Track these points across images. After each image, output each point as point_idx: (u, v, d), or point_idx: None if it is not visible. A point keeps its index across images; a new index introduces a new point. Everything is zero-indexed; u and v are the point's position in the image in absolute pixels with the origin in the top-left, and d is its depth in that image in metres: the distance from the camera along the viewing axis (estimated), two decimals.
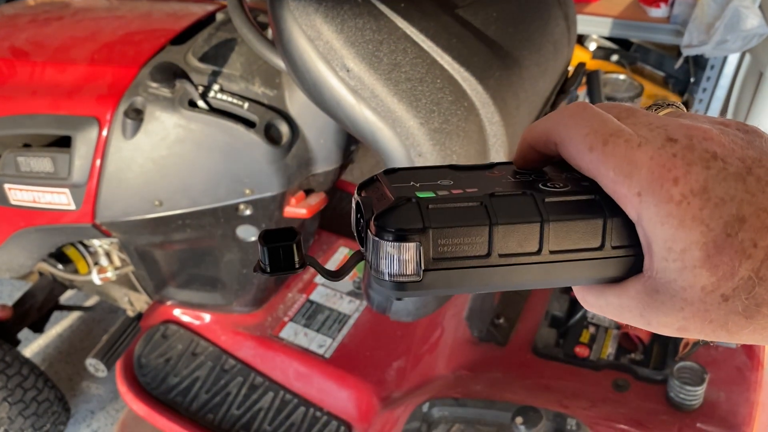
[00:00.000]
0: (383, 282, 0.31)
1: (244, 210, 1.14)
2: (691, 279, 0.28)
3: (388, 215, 0.30)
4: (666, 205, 0.27)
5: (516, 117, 0.84)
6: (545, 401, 1.02)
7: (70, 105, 1.13)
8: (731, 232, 0.27)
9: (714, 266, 0.27)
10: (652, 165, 0.28)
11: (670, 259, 0.28)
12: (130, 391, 1.28)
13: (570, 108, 0.31)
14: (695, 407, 1.00)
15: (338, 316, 1.39)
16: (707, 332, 0.29)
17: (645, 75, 2.49)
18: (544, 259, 0.31)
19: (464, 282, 0.31)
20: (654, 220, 0.28)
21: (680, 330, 0.30)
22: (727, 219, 0.27)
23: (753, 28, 1.86)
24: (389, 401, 1.21)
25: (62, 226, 1.22)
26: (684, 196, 0.27)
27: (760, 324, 0.28)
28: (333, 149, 1.15)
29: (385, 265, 0.30)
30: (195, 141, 1.07)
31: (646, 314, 0.30)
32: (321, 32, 0.76)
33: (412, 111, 0.78)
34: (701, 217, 0.27)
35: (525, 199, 0.31)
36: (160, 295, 1.38)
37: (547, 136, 0.32)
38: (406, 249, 0.30)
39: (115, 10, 1.37)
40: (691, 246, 0.27)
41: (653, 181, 0.28)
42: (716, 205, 0.27)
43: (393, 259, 0.30)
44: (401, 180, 0.33)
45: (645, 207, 0.28)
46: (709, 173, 0.27)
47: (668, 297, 0.29)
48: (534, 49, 0.91)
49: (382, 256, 0.30)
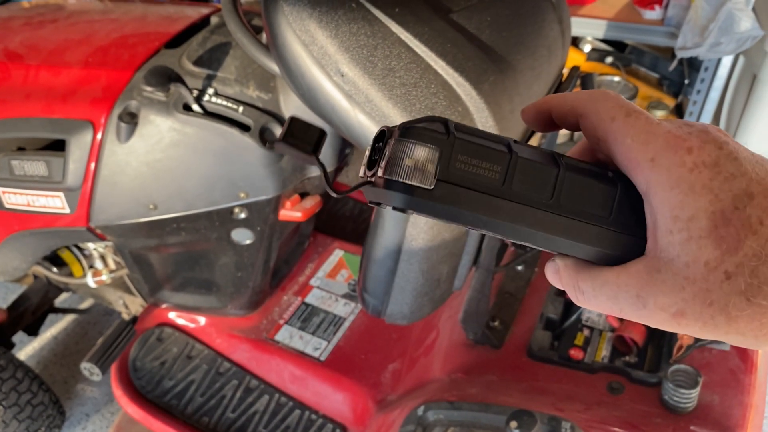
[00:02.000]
0: (393, 184, 0.30)
1: (239, 213, 1.14)
2: (696, 252, 0.28)
3: (416, 123, 0.31)
4: (678, 169, 0.28)
5: (510, 121, 0.85)
6: (540, 404, 1.02)
7: (65, 108, 1.13)
8: (739, 205, 0.28)
9: (720, 237, 0.28)
10: (668, 136, 0.29)
11: (676, 230, 0.28)
12: (125, 394, 1.28)
13: (599, 89, 0.33)
14: (689, 410, 1.00)
15: (333, 319, 1.39)
16: (706, 317, 0.28)
17: (639, 77, 2.49)
18: (553, 209, 0.31)
19: (471, 206, 0.31)
20: (664, 185, 0.29)
21: (677, 315, 0.29)
22: (736, 192, 0.28)
23: (746, 30, 1.87)
24: (384, 404, 1.22)
25: (57, 229, 1.22)
26: (696, 165, 0.28)
27: (760, 306, 0.28)
28: (328, 152, 1.15)
29: (400, 167, 0.30)
30: (190, 145, 1.07)
31: (643, 294, 0.30)
32: (315, 37, 0.76)
33: (406, 116, 0.78)
34: (711, 187, 0.28)
35: (546, 153, 0.32)
36: (155, 298, 1.38)
37: (571, 107, 0.33)
38: (425, 151, 0.30)
39: (109, 13, 1.37)
40: (698, 213, 0.28)
41: (668, 148, 0.29)
42: (726, 178, 0.28)
43: (410, 161, 0.30)
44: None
45: (657, 172, 0.29)
46: (721, 152, 0.28)
47: (670, 275, 0.29)
48: (528, 53, 0.91)
49: (399, 157, 0.30)
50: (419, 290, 0.96)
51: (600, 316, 1.20)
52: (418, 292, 0.96)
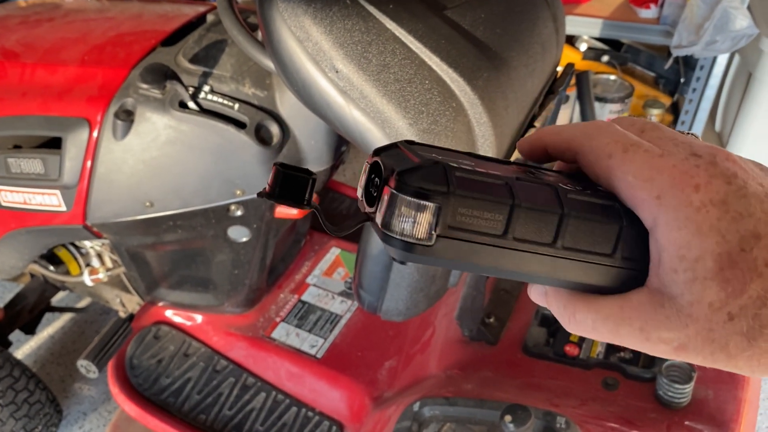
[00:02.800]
0: (392, 240, 0.30)
1: (235, 211, 1.15)
2: (700, 293, 0.28)
3: (413, 172, 0.30)
4: (685, 209, 0.28)
5: (504, 118, 0.85)
6: (535, 400, 1.03)
7: (61, 106, 1.13)
8: (746, 247, 0.27)
9: (725, 280, 0.27)
10: (674, 172, 0.28)
11: (681, 270, 0.28)
12: (122, 392, 1.28)
13: (593, 122, 0.32)
14: (683, 405, 1.00)
15: (330, 317, 1.39)
16: (706, 353, 0.29)
17: (635, 75, 2.50)
18: (556, 253, 0.31)
19: (473, 258, 0.30)
20: (671, 225, 0.28)
21: (678, 348, 0.29)
22: (743, 234, 0.27)
23: (742, 28, 1.88)
24: (381, 401, 1.22)
25: (53, 227, 1.22)
26: (703, 204, 0.27)
27: (760, 348, 0.28)
28: (324, 150, 1.15)
29: (399, 222, 0.29)
30: (185, 142, 1.08)
31: (646, 329, 0.30)
32: (310, 33, 0.76)
33: (401, 112, 0.78)
34: (718, 227, 0.27)
35: (548, 189, 0.31)
36: (151, 296, 1.38)
37: (567, 143, 0.33)
38: (425, 208, 0.29)
39: (105, 11, 1.37)
40: (705, 255, 0.27)
41: (674, 185, 0.28)
42: (734, 218, 0.27)
43: (409, 218, 0.29)
44: (423, 151, 0.33)
45: (663, 211, 0.28)
46: (730, 188, 0.28)
47: (674, 312, 0.29)
48: (522, 50, 0.92)
49: (397, 212, 0.29)
50: (414, 287, 0.96)
51: None
52: (414, 288, 0.96)
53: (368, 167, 0.33)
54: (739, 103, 2.25)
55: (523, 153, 0.36)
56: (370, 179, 0.33)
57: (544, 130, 0.34)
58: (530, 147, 0.35)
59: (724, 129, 2.42)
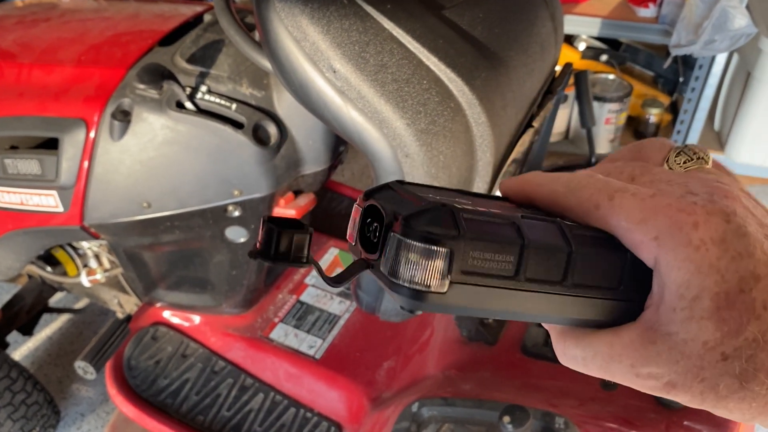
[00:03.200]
0: (400, 289, 0.28)
1: (233, 211, 1.14)
2: (695, 332, 0.27)
3: (420, 216, 0.28)
4: (684, 248, 0.27)
5: (502, 117, 0.85)
6: (534, 400, 1.02)
7: (57, 107, 1.12)
8: (745, 288, 0.27)
9: (722, 320, 0.27)
10: (670, 211, 0.28)
11: (679, 308, 0.28)
12: (119, 393, 1.28)
13: (573, 175, 0.31)
14: (682, 405, 1.00)
15: (328, 317, 1.39)
16: (695, 392, 0.28)
17: (634, 75, 2.50)
18: (565, 291, 0.30)
19: (486, 303, 0.29)
20: (671, 265, 0.27)
21: (667, 385, 0.29)
22: (743, 274, 0.27)
23: (740, 28, 1.87)
24: (379, 401, 1.22)
25: (50, 228, 1.22)
26: (703, 242, 0.27)
27: (751, 392, 0.28)
28: (322, 150, 1.15)
29: (406, 270, 0.28)
30: (183, 142, 1.07)
31: (636, 365, 0.29)
32: (307, 33, 0.76)
33: (398, 112, 0.78)
34: (717, 267, 0.27)
35: (553, 227, 0.30)
36: (149, 297, 1.38)
37: (551, 200, 0.32)
38: (436, 254, 0.27)
39: (102, 11, 1.36)
40: (702, 294, 0.27)
41: (672, 225, 0.27)
42: (733, 258, 0.27)
43: (418, 265, 0.27)
44: (418, 191, 0.31)
45: (663, 251, 0.28)
46: (729, 227, 0.27)
47: (665, 349, 0.28)
48: (520, 49, 0.92)
49: (405, 260, 0.28)
50: None
51: None
52: None
53: (362, 211, 0.31)
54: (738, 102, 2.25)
55: (506, 195, 0.35)
56: (365, 224, 0.31)
57: (526, 179, 0.33)
58: (513, 192, 0.34)
59: (723, 128, 2.42)
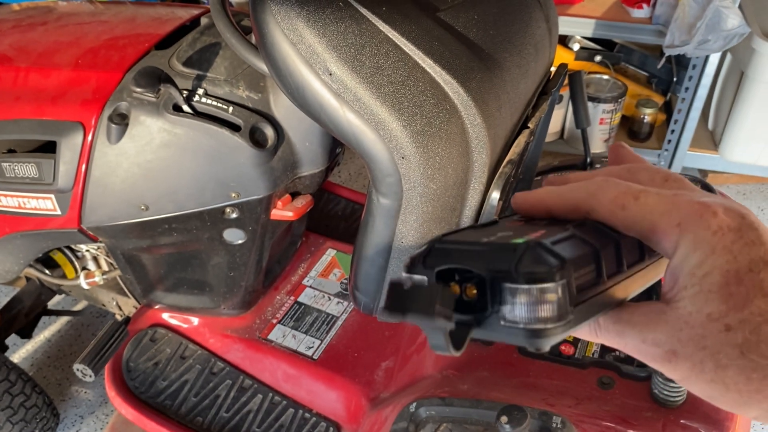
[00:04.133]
0: (528, 333, 0.29)
1: (231, 213, 1.15)
2: (702, 303, 0.29)
3: (527, 259, 0.29)
4: (703, 232, 0.30)
5: (497, 119, 0.85)
6: (531, 400, 1.03)
7: (55, 110, 1.13)
8: (754, 268, 0.29)
9: (728, 294, 0.29)
10: (692, 203, 0.30)
11: (689, 285, 0.30)
12: (118, 395, 1.28)
13: (592, 181, 0.34)
14: (679, 403, 1.01)
15: (326, 318, 1.40)
16: (695, 360, 0.30)
17: (628, 75, 2.51)
18: (625, 275, 0.33)
19: (588, 315, 0.31)
20: (689, 247, 0.30)
21: (669, 353, 0.30)
22: (753, 257, 0.29)
23: (733, 27, 1.88)
24: (378, 401, 1.22)
25: (48, 231, 1.22)
26: (720, 228, 0.29)
27: (752, 362, 0.29)
28: (319, 152, 1.15)
29: (531, 313, 0.29)
30: (180, 145, 1.08)
31: (644, 331, 0.31)
32: (303, 36, 0.76)
33: (394, 114, 0.79)
34: (731, 249, 0.29)
35: (590, 226, 0.33)
36: (148, 299, 1.38)
37: (574, 206, 0.34)
38: (555, 290, 0.29)
39: (99, 14, 1.37)
40: (713, 271, 0.29)
41: (693, 213, 0.30)
42: (746, 244, 0.29)
43: (540, 305, 0.29)
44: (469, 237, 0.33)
45: (683, 235, 0.30)
46: (744, 221, 0.30)
47: (672, 317, 0.30)
48: (515, 51, 0.92)
49: (528, 304, 0.29)
50: None
51: None
52: None
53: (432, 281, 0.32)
54: (732, 101, 2.26)
55: (522, 211, 0.37)
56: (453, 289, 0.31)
57: (543, 192, 0.35)
58: (530, 208, 0.36)
59: (716, 127, 2.43)
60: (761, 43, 2.03)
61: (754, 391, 0.29)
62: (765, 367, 0.29)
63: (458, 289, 0.31)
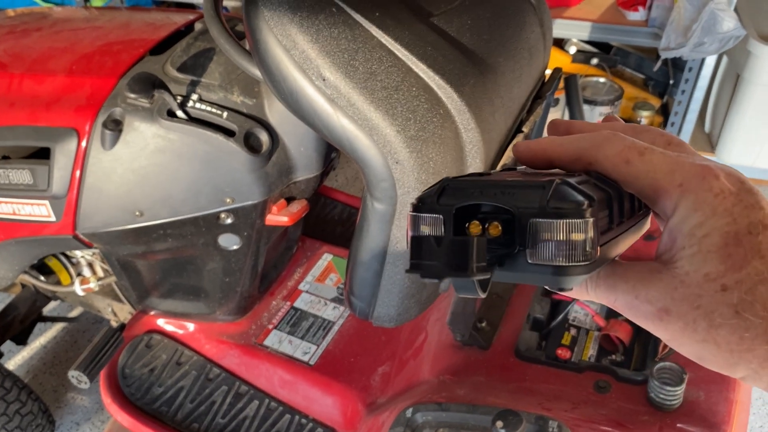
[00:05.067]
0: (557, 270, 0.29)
1: (226, 219, 1.14)
2: (699, 264, 0.29)
3: (558, 195, 0.29)
4: (705, 193, 0.30)
5: (492, 123, 0.85)
6: (527, 404, 1.03)
7: (49, 116, 1.13)
8: (753, 231, 0.29)
9: (727, 255, 0.29)
10: (694, 165, 0.31)
11: (688, 245, 0.30)
12: (114, 402, 1.28)
13: (598, 133, 0.33)
14: (675, 407, 1.01)
15: (322, 323, 1.39)
16: (688, 319, 0.30)
17: (625, 78, 2.51)
18: (627, 225, 0.33)
19: (607, 256, 0.31)
20: (689, 207, 0.30)
21: (661, 311, 0.30)
22: (752, 220, 0.29)
23: (729, 30, 1.89)
24: (374, 407, 1.22)
25: (43, 237, 1.22)
26: (722, 190, 0.30)
27: (745, 321, 0.29)
28: (313, 157, 1.15)
29: (560, 249, 0.28)
30: (174, 151, 1.07)
31: (638, 286, 0.31)
32: (296, 42, 0.76)
33: (388, 119, 0.78)
34: (731, 211, 0.29)
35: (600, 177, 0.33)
36: (143, 305, 1.38)
37: (577, 156, 0.34)
38: (587, 225, 0.28)
39: (93, 20, 1.37)
40: (713, 232, 0.29)
41: (696, 174, 0.30)
42: (746, 207, 0.30)
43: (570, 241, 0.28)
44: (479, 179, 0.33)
45: (685, 195, 0.30)
46: (743, 186, 0.30)
47: (668, 276, 0.30)
48: (509, 55, 0.92)
49: (558, 241, 0.28)
50: (405, 292, 0.96)
51: (587, 315, 1.21)
52: (405, 294, 0.96)
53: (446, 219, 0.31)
54: (728, 104, 2.26)
55: (523, 160, 0.36)
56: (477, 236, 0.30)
57: (546, 141, 0.35)
58: (533, 156, 0.36)
59: (713, 130, 2.43)
60: (757, 46, 2.03)
61: (745, 350, 0.29)
62: (758, 326, 0.29)
63: (479, 228, 0.31)
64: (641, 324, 0.32)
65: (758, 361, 0.29)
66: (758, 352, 0.29)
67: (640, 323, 0.32)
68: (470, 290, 0.30)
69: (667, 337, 0.31)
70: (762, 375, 0.30)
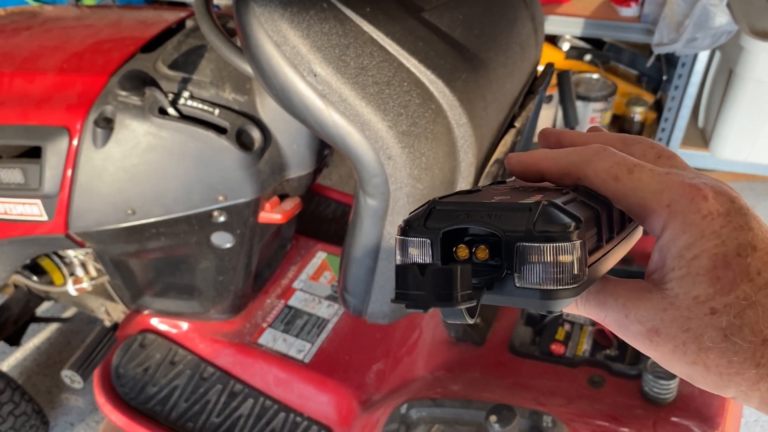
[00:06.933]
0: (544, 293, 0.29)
1: (218, 217, 1.14)
2: (689, 286, 0.29)
3: (544, 218, 0.29)
4: (693, 215, 0.29)
5: (483, 118, 0.85)
6: (522, 399, 1.03)
7: (40, 115, 1.12)
8: (742, 253, 0.29)
9: (716, 278, 0.29)
10: (683, 184, 0.30)
11: (677, 267, 0.30)
12: (108, 402, 1.27)
13: (588, 147, 0.33)
14: (669, 401, 1.01)
15: (317, 321, 1.39)
16: (678, 341, 0.29)
17: (618, 74, 2.51)
18: (615, 243, 0.33)
19: (596, 274, 0.31)
20: (677, 229, 0.30)
21: (651, 332, 0.30)
22: (741, 242, 0.29)
23: (721, 25, 1.89)
24: (369, 404, 1.22)
25: (35, 237, 1.21)
26: (710, 212, 0.29)
27: (734, 345, 0.29)
28: (306, 154, 1.15)
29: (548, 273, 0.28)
30: (166, 149, 1.07)
31: (628, 305, 0.31)
32: (287, 37, 0.76)
33: (380, 114, 0.78)
34: (720, 233, 0.29)
35: (588, 193, 0.33)
36: (136, 305, 1.37)
37: (566, 170, 0.34)
38: (574, 248, 0.28)
39: (84, 18, 1.36)
40: (701, 254, 0.29)
41: (684, 195, 0.30)
42: (735, 228, 0.29)
43: (559, 263, 0.28)
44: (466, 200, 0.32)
45: (672, 216, 0.30)
46: (733, 206, 0.30)
47: (658, 297, 0.30)
48: (500, 50, 0.92)
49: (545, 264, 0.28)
50: None
51: None
52: None
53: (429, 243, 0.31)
54: (721, 99, 2.27)
55: (515, 173, 0.36)
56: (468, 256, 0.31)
57: (538, 154, 0.35)
58: (524, 169, 0.36)
59: (707, 125, 2.43)
60: (749, 41, 2.03)
61: (734, 373, 0.29)
62: (746, 350, 0.29)
63: (466, 252, 0.31)
64: (630, 342, 0.32)
65: (747, 384, 0.29)
66: (747, 376, 0.29)
67: (630, 341, 0.32)
68: (458, 317, 0.30)
69: (657, 357, 0.31)
70: (751, 396, 0.30)
